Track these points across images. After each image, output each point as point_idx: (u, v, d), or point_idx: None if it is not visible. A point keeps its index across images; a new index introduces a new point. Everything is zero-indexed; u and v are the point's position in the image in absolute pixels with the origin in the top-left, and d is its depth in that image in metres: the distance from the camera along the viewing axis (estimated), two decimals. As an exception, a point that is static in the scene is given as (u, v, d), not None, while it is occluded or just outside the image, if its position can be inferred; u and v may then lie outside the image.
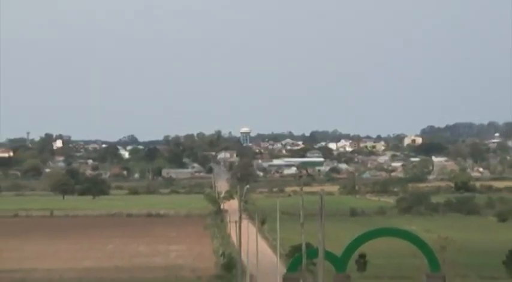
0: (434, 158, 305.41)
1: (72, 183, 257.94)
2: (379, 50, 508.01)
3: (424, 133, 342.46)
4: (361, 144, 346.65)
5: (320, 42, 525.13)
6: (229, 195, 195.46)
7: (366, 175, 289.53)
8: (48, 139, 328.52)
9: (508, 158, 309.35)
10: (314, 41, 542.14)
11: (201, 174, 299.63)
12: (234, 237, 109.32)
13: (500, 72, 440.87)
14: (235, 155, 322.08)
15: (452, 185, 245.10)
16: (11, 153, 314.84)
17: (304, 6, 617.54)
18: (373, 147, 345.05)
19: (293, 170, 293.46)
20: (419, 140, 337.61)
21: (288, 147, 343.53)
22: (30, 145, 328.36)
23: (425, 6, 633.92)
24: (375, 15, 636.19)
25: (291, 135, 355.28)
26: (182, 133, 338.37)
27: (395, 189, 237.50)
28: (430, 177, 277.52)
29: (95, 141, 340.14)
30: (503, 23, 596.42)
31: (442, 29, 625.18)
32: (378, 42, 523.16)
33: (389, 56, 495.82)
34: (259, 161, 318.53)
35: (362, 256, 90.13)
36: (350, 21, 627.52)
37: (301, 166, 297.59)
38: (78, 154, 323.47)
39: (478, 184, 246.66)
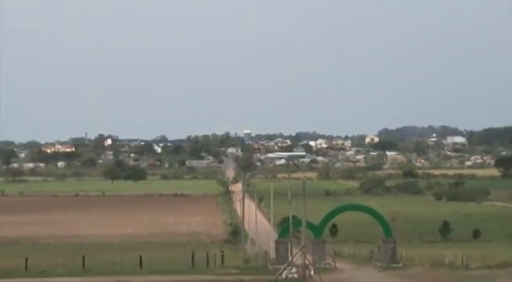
0: (387, 152, 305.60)
1: (119, 171, 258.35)
2: (347, 67, 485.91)
3: (380, 134, 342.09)
4: (333, 142, 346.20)
5: (298, 59, 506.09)
6: (235, 180, 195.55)
7: (337, 165, 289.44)
8: (101, 138, 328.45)
9: (442, 152, 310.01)
10: (294, 59, 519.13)
11: (214, 164, 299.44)
12: (238, 211, 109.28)
13: (437, 85, 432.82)
14: (239, 150, 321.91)
15: (401, 172, 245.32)
16: (73, 149, 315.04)
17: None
18: (342, 144, 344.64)
19: (283, 161, 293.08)
20: (376, 139, 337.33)
21: (279, 144, 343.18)
22: (87, 143, 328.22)
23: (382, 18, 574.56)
24: (342, 25, 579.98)
25: (281, 135, 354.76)
26: (200, 133, 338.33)
27: (359, 176, 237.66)
28: (385, 166, 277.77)
29: (135, 140, 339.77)
30: (443, 38, 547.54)
31: (384, 46, 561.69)
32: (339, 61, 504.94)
33: (354, 71, 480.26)
34: (258, 155, 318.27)
35: (334, 225, 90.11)
36: (316, 36, 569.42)
37: (289, 158, 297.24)
38: (123, 149, 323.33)
39: (420, 172, 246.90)
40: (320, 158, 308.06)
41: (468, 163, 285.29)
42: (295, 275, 51.91)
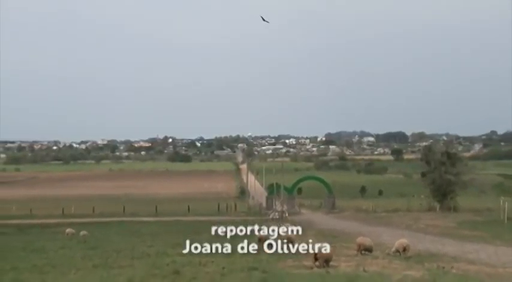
0: (330, 146, 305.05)
1: (176, 157, 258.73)
2: (309, 87, 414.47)
3: (325, 135, 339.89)
4: (299, 140, 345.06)
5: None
6: (242, 162, 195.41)
7: (301, 153, 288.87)
8: (165, 138, 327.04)
9: (361, 146, 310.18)
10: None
11: (231, 153, 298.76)
12: (244, 180, 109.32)
13: (357, 103, 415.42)
14: (245, 145, 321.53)
15: (337, 158, 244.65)
16: (150, 144, 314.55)
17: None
18: (304, 141, 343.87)
19: (270, 151, 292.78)
20: (324, 138, 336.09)
21: (268, 141, 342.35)
22: (158, 141, 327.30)
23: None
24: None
25: (269, 136, 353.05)
26: (223, 135, 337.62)
27: (314, 160, 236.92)
28: (328, 154, 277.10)
29: (186, 139, 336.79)
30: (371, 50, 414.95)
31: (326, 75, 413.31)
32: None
33: (312, 91, 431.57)
34: (256, 147, 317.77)
35: (299, 188, 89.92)
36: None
37: (274, 150, 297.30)
38: (178, 144, 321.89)
39: (348, 157, 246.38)
40: (291, 150, 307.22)
41: (376, 152, 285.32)
42: (277, 216, 52.04)
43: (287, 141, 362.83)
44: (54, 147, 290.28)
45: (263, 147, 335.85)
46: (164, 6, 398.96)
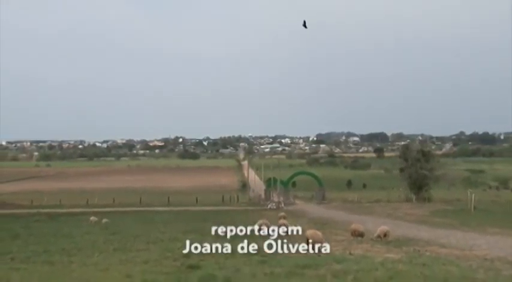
0: (320, 145, 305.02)
1: (185, 154, 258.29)
2: (306, 88, 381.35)
3: (317, 136, 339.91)
4: (293, 140, 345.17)
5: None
6: (243, 159, 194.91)
7: (295, 152, 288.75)
8: (176, 138, 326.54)
9: (348, 145, 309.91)
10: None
11: (234, 151, 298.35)
12: (245, 175, 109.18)
13: (344, 107, 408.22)
14: (246, 144, 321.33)
15: (327, 155, 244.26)
16: (163, 143, 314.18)
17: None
18: (298, 141, 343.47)
19: (268, 150, 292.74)
20: (315, 138, 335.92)
21: (266, 141, 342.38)
22: (169, 140, 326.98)
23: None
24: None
25: (267, 136, 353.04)
26: (226, 135, 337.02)
27: (306, 157, 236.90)
28: (319, 152, 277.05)
29: (194, 139, 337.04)
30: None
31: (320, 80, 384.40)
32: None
33: (306, 95, 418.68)
34: (255, 146, 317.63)
35: (294, 181, 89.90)
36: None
37: (271, 148, 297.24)
38: (187, 144, 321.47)
39: (337, 155, 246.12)
40: (286, 148, 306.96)
41: (360, 150, 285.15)
42: (274, 206, 52.11)
43: (283, 140, 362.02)
44: (80, 146, 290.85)
45: (262, 146, 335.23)
46: (172, 18, 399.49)
